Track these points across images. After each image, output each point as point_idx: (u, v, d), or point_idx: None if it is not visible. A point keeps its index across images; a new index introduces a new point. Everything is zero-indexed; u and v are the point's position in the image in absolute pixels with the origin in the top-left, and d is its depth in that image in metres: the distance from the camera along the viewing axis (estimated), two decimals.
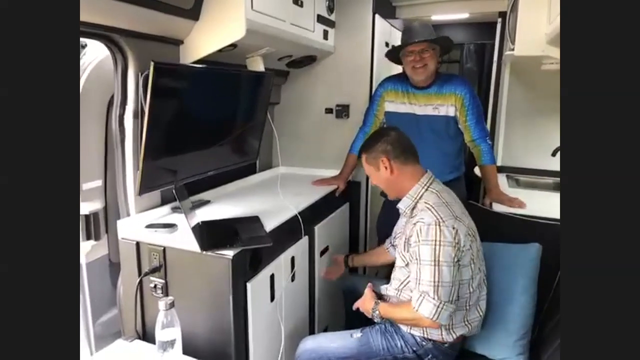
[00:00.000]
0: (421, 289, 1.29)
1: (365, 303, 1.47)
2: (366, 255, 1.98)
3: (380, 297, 1.53)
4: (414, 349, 1.39)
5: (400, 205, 1.47)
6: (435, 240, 1.28)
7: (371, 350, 1.41)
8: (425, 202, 1.37)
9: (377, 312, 1.41)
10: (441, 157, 2.09)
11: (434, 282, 1.27)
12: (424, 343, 1.39)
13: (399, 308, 1.40)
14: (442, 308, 1.27)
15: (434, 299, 1.27)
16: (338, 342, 1.46)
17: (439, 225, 1.28)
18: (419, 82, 2.01)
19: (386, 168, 1.43)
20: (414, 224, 1.34)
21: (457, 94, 1.98)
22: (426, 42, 1.90)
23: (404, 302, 1.41)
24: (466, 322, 1.40)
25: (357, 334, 1.46)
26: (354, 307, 1.52)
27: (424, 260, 1.29)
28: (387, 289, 1.53)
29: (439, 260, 1.27)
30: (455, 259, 1.29)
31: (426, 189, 1.42)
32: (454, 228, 1.29)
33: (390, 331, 1.44)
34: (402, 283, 1.45)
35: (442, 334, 1.38)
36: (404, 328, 1.42)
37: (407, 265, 1.41)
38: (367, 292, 1.50)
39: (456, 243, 1.29)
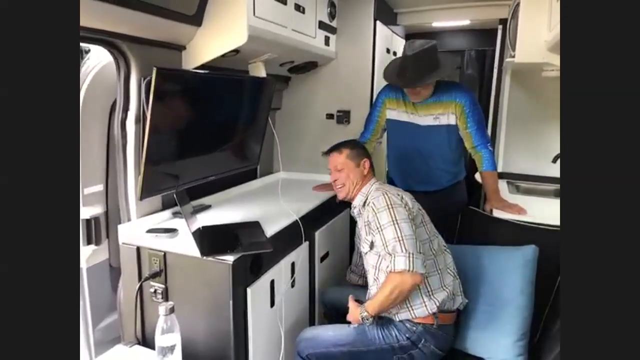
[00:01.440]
0: (389, 249, 1.40)
1: (353, 314, 1.47)
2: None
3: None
4: (407, 335, 1.42)
5: (354, 203, 1.65)
6: (388, 205, 1.45)
7: (367, 339, 1.44)
8: (373, 191, 1.58)
9: (366, 313, 1.41)
10: (442, 165, 2.09)
11: (398, 237, 1.39)
12: (414, 328, 1.43)
13: (379, 291, 1.41)
14: (413, 257, 1.37)
15: (402, 251, 1.37)
16: (335, 330, 1.51)
17: (386, 194, 1.49)
18: (415, 102, 2.03)
19: (365, 168, 1.65)
20: (368, 205, 1.53)
21: (457, 102, 1.98)
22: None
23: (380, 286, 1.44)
24: (444, 286, 1.47)
25: (353, 324, 1.48)
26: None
27: (384, 223, 1.43)
28: (370, 289, 1.55)
29: (396, 219, 1.42)
30: (410, 217, 1.45)
31: (372, 186, 1.62)
32: (398, 194, 1.51)
33: (386, 322, 1.47)
34: (375, 269, 1.49)
35: (425, 304, 1.42)
36: (394, 316, 1.45)
37: (371, 245, 1.49)
38: (351, 304, 1.49)
39: (405, 204, 1.48)
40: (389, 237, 1.41)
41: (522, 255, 1.52)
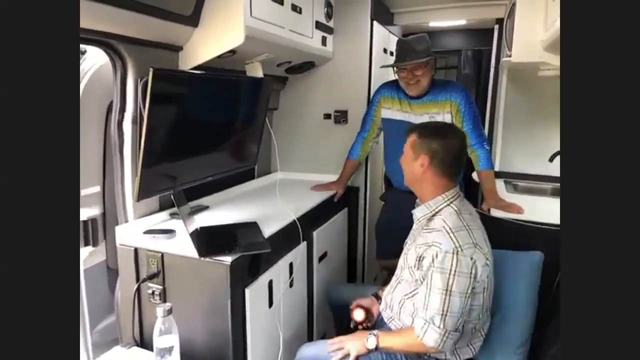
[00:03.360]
0: (428, 315, 1.25)
1: (355, 344, 1.34)
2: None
3: (368, 310, 1.52)
4: None
5: (416, 213, 1.41)
6: (451, 270, 1.22)
7: None
8: (444, 221, 1.29)
9: (375, 344, 1.31)
10: None
11: (443, 311, 1.22)
12: None
13: (398, 338, 1.34)
14: (447, 337, 1.24)
15: (439, 327, 1.23)
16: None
17: (457, 254, 1.22)
18: (414, 95, 2.03)
19: (421, 166, 1.35)
20: (429, 245, 1.28)
21: (453, 101, 1.98)
22: (423, 60, 1.92)
23: (403, 330, 1.37)
24: (469, 345, 1.38)
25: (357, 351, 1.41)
26: (334, 346, 1.39)
27: (436, 287, 1.24)
28: (387, 304, 1.47)
29: (451, 291, 1.22)
30: (469, 290, 1.24)
31: (448, 204, 1.34)
32: (472, 259, 1.23)
33: None
34: (406, 294, 1.39)
35: (446, 356, 1.35)
36: None
37: (415, 281, 1.35)
38: (353, 336, 1.38)
39: (472, 274, 1.23)
40: (434, 305, 1.23)
41: (527, 261, 1.50)
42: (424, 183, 1.37)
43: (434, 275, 1.25)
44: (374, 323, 1.57)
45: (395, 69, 2.02)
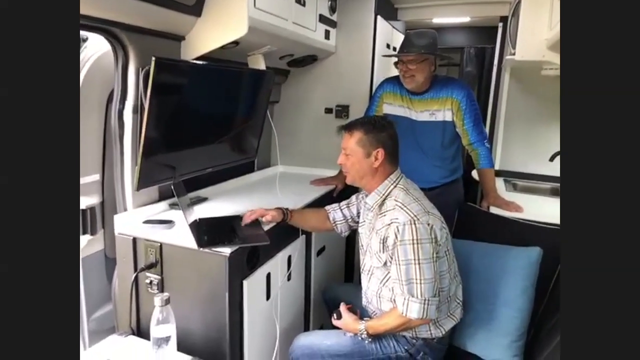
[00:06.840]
0: (404, 290, 1.31)
1: (349, 326, 1.44)
2: (306, 213, 1.76)
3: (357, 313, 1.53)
4: (406, 347, 1.41)
5: (368, 201, 1.47)
6: (413, 239, 1.29)
7: (364, 349, 1.42)
8: (395, 200, 1.38)
9: (365, 333, 1.39)
10: (438, 162, 2.09)
11: (416, 280, 1.30)
12: (414, 341, 1.41)
13: (384, 321, 1.38)
14: (427, 304, 1.30)
15: (418, 298, 1.30)
16: (332, 339, 1.46)
17: (414, 224, 1.30)
18: (410, 89, 2.02)
19: (376, 159, 1.40)
20: (388, 224, 1.35)
21: (454, 98, 1.97)
22: (414, 55, 1.91)
23: (387, 311, 1.41)
24: (450, 314, 1.43)
25: (350, 332, 1.46)
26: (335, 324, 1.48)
27: (404, 260, 1.31)
28: (368, 299, 1.50)
29: (418, 259, 1.29)
30: (435, 254, 1.31)
31: (395, 186, 1.42)
32: (428, 224, 1.32)
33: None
34: (380, 281, 1.43)
35: (430, 330, 1.40)
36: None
37: (384, 264, 1.40)
38: (346, 316, 1.45)
39: (433, 238, 1.31)
40: (406, 277, 1.31)
41: (526, 256, 1.51)
42: (376, 175, 1.43)
43: (399, 249, 1.31)
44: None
45: (395, 61, 2.02)
